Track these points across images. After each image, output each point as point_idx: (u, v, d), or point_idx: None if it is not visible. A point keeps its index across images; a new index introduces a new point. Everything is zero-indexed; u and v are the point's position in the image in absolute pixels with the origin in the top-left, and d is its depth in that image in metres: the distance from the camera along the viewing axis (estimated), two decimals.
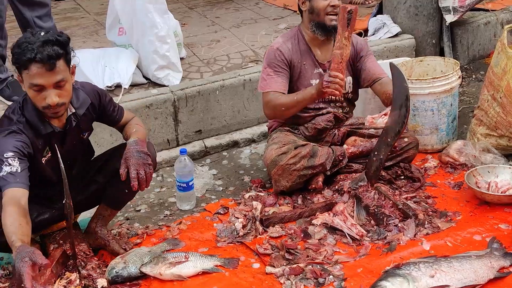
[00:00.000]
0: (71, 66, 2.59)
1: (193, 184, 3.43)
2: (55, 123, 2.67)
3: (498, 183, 3.23)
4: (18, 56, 2.43)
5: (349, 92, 3.53)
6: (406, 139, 3.42)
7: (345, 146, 3.43)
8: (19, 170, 2.49)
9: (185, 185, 3.37)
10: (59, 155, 2.60)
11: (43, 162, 2.70)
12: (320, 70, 3.44)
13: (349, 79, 3.49)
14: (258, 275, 2.76)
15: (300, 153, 3.25)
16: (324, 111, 3.46)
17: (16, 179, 2.47)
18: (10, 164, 2.48)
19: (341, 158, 3.36)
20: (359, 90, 3.61)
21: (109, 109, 2.92)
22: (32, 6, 3.89)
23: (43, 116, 2.61)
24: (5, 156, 2.49)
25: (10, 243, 2.32)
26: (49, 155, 2.71)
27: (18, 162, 2.50)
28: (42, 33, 2.48)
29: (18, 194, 2.45)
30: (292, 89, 3.40)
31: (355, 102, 3.65)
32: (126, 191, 2.83)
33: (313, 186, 3.31)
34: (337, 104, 3.49)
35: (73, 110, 2.72)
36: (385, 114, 3.21)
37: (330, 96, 3.34)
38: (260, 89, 3.40)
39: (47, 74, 2.44)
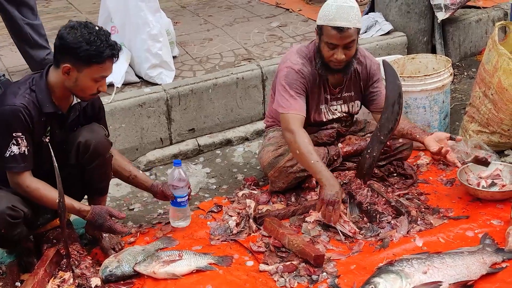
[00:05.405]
0: None
1: (183, 203, 3.12)
2: (61, 107, 2.79)
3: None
4: (95, 52, 2.63)
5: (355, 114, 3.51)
6: (400, 140, 3.41)
7: (339, 145, 3.43)
8: (26, 152, 2.66)
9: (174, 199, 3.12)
10: (52, 155, 2.61)
11: (44, 141, 2.76)
12: (328, 96, 3.34)
13: (357, 103, 3.43)
14: (252, 273, 2.76)
15: None
16: (329, 126, 3.41)
17: (26, 162, 2.67)
18: (19, 144, 2.63)
19: (335, 158, 3.36)
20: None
21: (102, 116, 3.04)
22: (19, 6, 3.92)
23: (51, 97, 2.74)
24: (14, 135, 2.62)
25: (76, 210, 2.79)
26: (49, 138, 2.78)
27: (26, 142, 2.66)
28: (97, 28, 2.69)
29: (36, 179, 2.71)
30: None
31: None
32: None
33: (307, 185, 3.32)
34: (341, 118, 3.44)
35: (79, 100, 2.84)
36: None
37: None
38: (282, 109, 3.20)
39: (111, 68, 2.77)
